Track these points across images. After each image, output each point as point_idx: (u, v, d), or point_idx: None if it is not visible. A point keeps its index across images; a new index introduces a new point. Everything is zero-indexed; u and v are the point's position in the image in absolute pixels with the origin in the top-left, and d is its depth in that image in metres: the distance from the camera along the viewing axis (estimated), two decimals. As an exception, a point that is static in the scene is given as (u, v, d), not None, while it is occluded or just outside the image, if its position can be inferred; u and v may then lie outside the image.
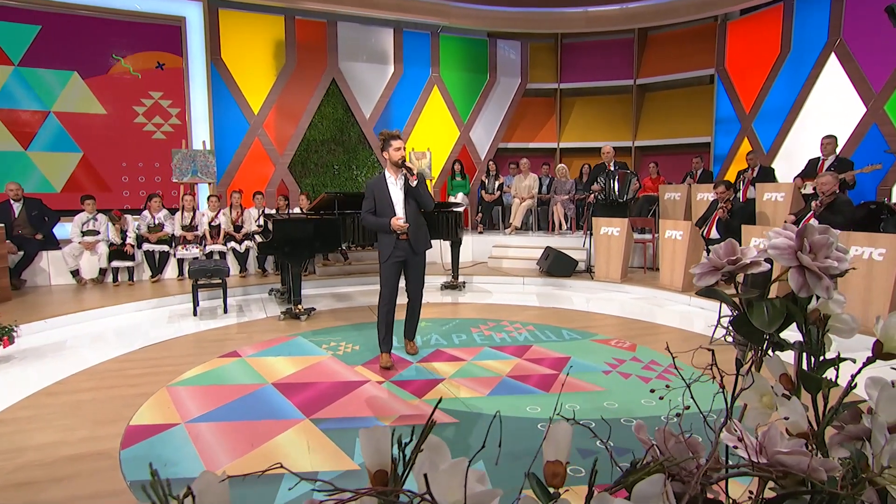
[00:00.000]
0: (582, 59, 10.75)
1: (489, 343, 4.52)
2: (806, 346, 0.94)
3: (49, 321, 5.00)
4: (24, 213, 6.65)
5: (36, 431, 2.80)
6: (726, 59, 9.29)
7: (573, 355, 4.16)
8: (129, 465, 2.50)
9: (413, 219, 3.91)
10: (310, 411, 3.15)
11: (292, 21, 9.05)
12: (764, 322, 0.92)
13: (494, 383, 3.59)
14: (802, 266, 0.87)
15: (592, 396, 3.32)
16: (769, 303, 0.95)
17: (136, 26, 8.00)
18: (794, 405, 0.75)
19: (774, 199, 6.53)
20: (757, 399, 0.87)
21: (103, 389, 3.42)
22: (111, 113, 7.97)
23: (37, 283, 6.71)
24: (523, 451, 2.45)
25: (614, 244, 6.94)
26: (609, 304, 6.12)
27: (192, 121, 8.41)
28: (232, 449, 2.69)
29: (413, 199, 3.92)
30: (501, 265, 8.23)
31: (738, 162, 8.86)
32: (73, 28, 7.65)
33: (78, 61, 7.72)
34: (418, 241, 3.95)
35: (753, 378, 0.87)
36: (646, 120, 10.52)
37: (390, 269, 3.93)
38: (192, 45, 8.32)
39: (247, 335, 4.85)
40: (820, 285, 0.85)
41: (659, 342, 4.46)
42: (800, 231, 0.88)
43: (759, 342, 1.02)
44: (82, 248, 6.78)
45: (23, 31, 7.40)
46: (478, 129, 10.58)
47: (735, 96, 9.14)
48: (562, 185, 9.17)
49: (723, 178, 8.05)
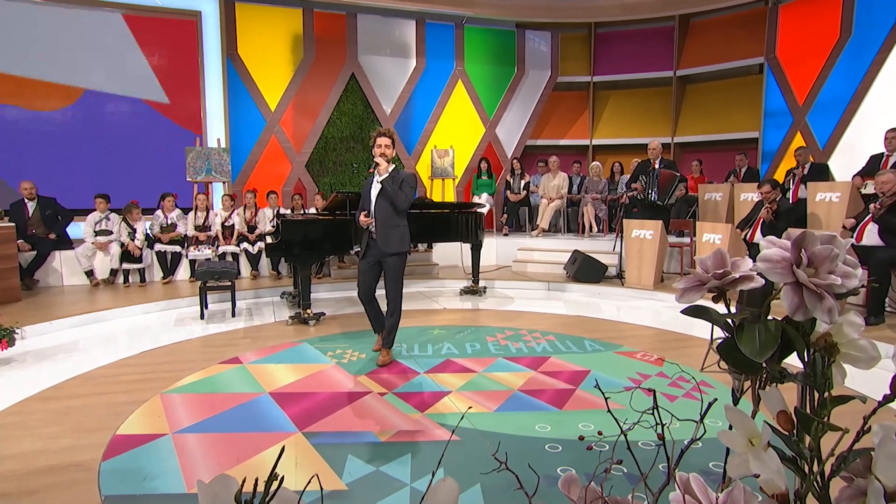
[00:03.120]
0: (617, 49, 10.49)
1: (504, 353, 4.39)
2: (808, 378, 0.80)
3: (54, 323, 5.12)
4: (38, 213, 6.87)
5: (19, 439, 2.83)
6: (777, 47, 8.90)
7: (593, 369, 3.99)
8: (108, 478, 2.49)
9: (383, 218, 4.02)
10: (304, 424, 3.09)
11: (310, 14, 9.12)
12: (754, 348, 0.79)
13: (504, 398, 3.47)
14: (799, 283, 0.74)
15: (609, 415, 3.15)
16: (762, 325, 0.81)
17: (152, 21, 8.19)
18: (769, 459, 0.62)
19: (829, 200, 6.18)
20: (743, 443, 0.74)
21: (95, 396, 3.45)
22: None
23: (49, 283, 6.92)
24: (525, 477, 2.32)
25: (647, 248, 6.70)
26: (640, 313, 5.90)
27: (207, 118, 8.55)
28: (216, 463, 2.65)
29: (385, 197, 4.00)
30: (526, 269, 8.07)
31: (790, 159, 8.46)
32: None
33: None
34: (388, 241, 4.03)
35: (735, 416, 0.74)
36: (687, 114, 10.19)
37: (364, 266, 4.18)
38: (208, 39, 8.46)
39: (252, 340, 4.85)
40: (821, 307, 0.72)
41: (690, 356, 4.25)
42: (796, 240, 0.74)
43: (753, 372, 0.88)
44: (95, 248, 6.95)
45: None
46: (504, 126, 10.44)
47: (787, 87, 8.74)
48: (594, 185, 8.95)
49: (771, 177, 7.70)
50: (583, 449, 2.73)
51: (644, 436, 2.85)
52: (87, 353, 4.48)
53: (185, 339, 4.87)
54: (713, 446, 0.80)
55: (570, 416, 3.18)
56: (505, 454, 0.72)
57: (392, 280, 4.09)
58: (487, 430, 2.99)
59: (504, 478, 2.27)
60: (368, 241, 4.11)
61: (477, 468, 2.57)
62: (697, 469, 2.17)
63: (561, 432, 2.96)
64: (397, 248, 4.05)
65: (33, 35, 7.61)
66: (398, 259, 4.08)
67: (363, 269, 4.18)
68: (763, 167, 9.00)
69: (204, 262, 6.07)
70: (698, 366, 3.96)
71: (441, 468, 2.56)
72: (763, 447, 0.62)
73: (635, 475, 2.35)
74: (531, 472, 0.68)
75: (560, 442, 2.84)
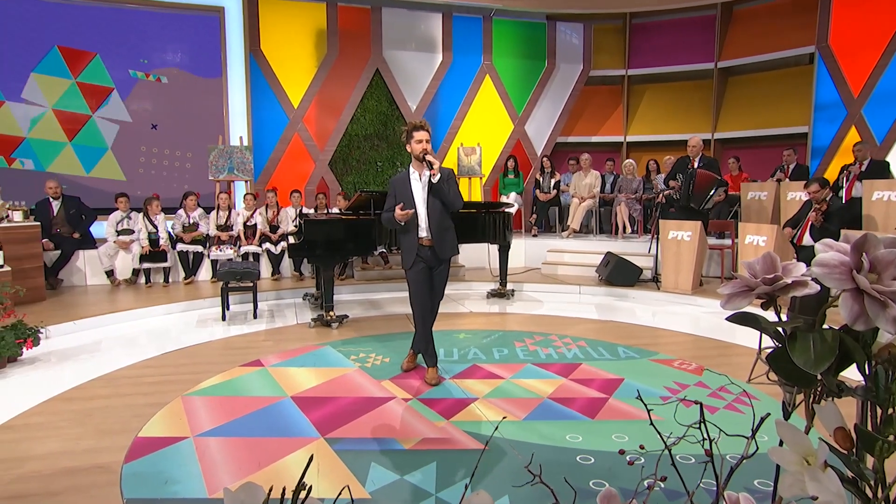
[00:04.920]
0: (654, 41, 10.33)
1: (533, 359, 4.36)
2: (869, 392, 0.77)
3: (78, 323, 5.28)
4: (62, 212, 7.10)
5: (42, 440, 2.92)
6: (830, 35, 8.62)
7: (627, 377, 3.93)
8: (130, 481, 2.55)
9: (437, 220, 3.77)
10: (326, 429, 3.12)
11: (334, 8, 9.22)
12: (808, 359, 0.76)
13: (533, 406, 3.44)
14: (860, 290, 0.71)
15: (644, 426, 3.09)
16: (818, 335, 0.79)
17: (174, 18, 8.40)
18: (828, 480, 0.60)
19: (887, 199, 5.97)
20: (797, 461, 0.71)
21: (117, 397, 3.54)
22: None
23: (73, 282, 7.14)
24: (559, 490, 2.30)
25: (685, 250, 6.58)
26: (677, 318, 5.80)
27: (230, 115, 8.71)
28: (237, 468, 2.69)
29: (437, 197, 3.75)
30: (556, 272, 8.01)
31: (843, 155, 8.20)
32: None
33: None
34: (443, 246, 3.80)
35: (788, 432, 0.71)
36: (728, 108, 9.97)
37: (417, 276, 3.82)
38: (231, 36, 8.63)
39: (274, 343, 4.93)
40: (884, 315, 0.69)
41: (732, 365, 4.15)
42: (856, 243, 0.72)
43: (807, 384, 0.85)
44: (117, 248, 7.15)
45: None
46: (534, 122, 10.38)
47: (840, 78, 8.47)
48: (628, 184, 8.83)
49: (821, 175, 7.47)
50: (616, 461, 2.69)
51: (682, 449, 2.80)
52: (109, 353, 4.60)
53: (206, 341, 4.97)
54: (758, 463, 0.78)
55: (602, 427, 3.14)
56: (539, 466, 0.71)
57: (441, 290, 3.91)
58: (516, 440, 2.97)
59: (536, 490, 2.24)
60: (417, 246, 3.79)
61: (505, 479, 2.55)
62: (741, 487, 2.12)
63: (593, 443, 2.92)
64: (452, 252, 3.85)
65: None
66: (448, 265, 3.91)
67: (417, 280, 3.82)
68: (813, 164, 8.74)
69: (226, 263, 6.19)
70: (740, 375, 3.87)
71: (467, 479, 2.55)
72: (820, 466, 0.60)
73: (674, 491, 2.30)
74: (566, 485, 0.68)
75: (592, 453, 2.80)
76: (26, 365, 4.24)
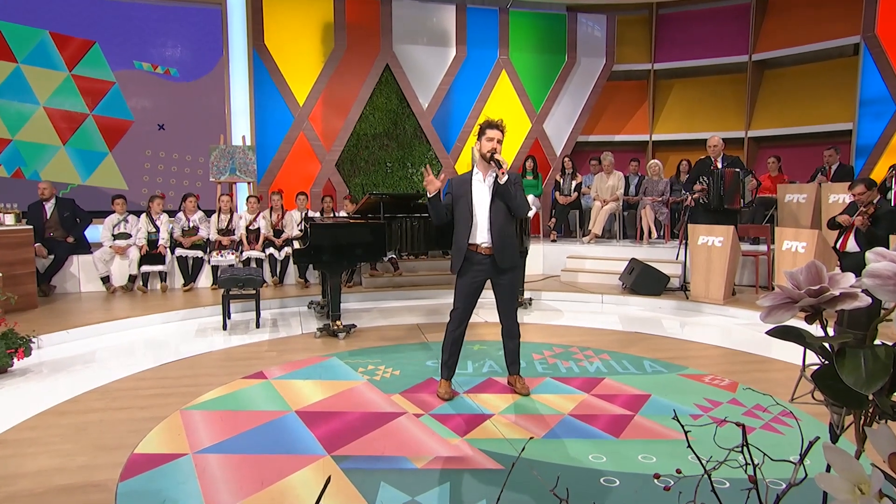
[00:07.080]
0: (682, 32, 10.30)
1: (552, 373, 4.34)
2: (926, 414, 0.75)
3: (72, 332, 5.34)
4: (56, 215, 7.20)
5: (34, 456, 2.95)
6: (877, 24, 8.51)
7: (654, 393, 3.90)
8: (125, 500, 2.56)
9: (500, 226, 3.69)
10: (333, 446, 3.12)
11: (342, 1, 9.29)
12: (859, 378, 0.75)
13: (553, 423, 3.42)
14: (916, 301, 0.69)
15: (673, 446, 3.06)
16: (869, 352, 0.77)
17: (175, 10, 8.52)
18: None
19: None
20: (848, 489, 0.70)
21: (112, 411, 3.58)
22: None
23: (66, 289, 7.23)
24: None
25: (716, 257, 6.52)
26: (707, 330, 5.75)
27: (232, 114, 8.80)
28: (239, 487, 2.70)
29: (503, 200, 3.68)
30: (577, 280, 7.98)
31: (892, 154, 8.10)
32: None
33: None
34: (504, 254, 3.71)
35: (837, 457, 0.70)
36: (764, 104, 9.89)
37: (465, 286, 3.79)
38: (233, 30, 8.74)
39: (277, 353, 4.95)
40: (943, 330, 0.67)
41: (768, 382, 4.10)
42: (912, 249, 0.70)
43: (857, 405, 0.83)
44: (113, 253, 7.23)
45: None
46: (553, 121, 10.38)
47: (889, 71, 8.35)
48: (654, 185, 8.79)
49: (867, 176, 7.36)
50: (644, 483, 2.66)
51: (717, 472, 2.76)
52: (104, 364, 4.65)
53: (206, 352, 5.01)
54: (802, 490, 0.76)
55: (628, 446, 3.11)
56: (566, 490, 0.70)
57: (509, 299, 3.84)
58: (534, 459, 2.96)
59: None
60: (466, 250, 3.73)
61: (523, 501, 2.54)
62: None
63: (618, 464, 2.89)
64: (512, 262, 3.79)
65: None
66: (514, 274, 3.86)
67: (468, 292, 3.78)
68: (858, 164, 8.63)
69: (227, 269, 6.23)
70: (778, 393, 3.81)
71: (484, 501, 2.54)
72: (875, 496, 0.58)
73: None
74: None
75: (618, 475, 2.77)
76: (17, 376, 4.29)
